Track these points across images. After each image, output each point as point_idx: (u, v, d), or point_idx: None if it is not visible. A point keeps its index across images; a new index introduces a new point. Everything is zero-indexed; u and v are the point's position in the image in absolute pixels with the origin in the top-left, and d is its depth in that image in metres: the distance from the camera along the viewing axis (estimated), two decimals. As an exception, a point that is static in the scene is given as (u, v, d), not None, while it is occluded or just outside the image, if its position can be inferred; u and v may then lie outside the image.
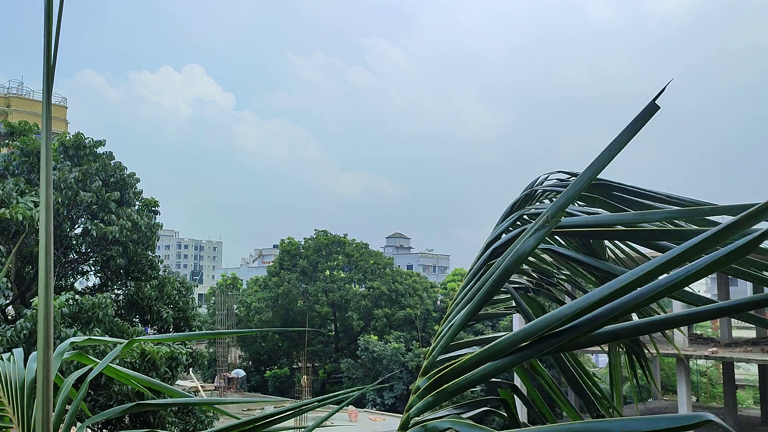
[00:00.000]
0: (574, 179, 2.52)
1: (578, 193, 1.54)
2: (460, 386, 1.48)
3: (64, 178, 18.46)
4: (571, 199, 1.55)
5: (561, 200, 1.53)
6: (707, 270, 1.12)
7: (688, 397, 23.50)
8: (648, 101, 1.41)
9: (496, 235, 2.14)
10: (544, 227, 1.50)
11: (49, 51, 1.73)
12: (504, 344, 1.39)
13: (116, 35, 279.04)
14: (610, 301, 1.22)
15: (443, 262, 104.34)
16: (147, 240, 20.31)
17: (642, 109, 1.43)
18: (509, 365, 1.39)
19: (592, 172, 1.50)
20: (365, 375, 40.00)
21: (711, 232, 1.15)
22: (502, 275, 1.59)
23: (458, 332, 1.72)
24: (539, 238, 1.50)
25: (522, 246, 1.52)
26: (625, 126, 1.45)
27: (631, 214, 1.69)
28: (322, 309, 45.19)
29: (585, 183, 1.51)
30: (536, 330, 1.33)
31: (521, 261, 1.55)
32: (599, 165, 1.49)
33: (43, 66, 1.74)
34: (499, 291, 1.72)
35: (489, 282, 1.63)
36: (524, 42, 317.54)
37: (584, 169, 1.53)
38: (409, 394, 1.68)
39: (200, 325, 21.90)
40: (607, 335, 1.30)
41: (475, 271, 2.02)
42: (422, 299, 45.28)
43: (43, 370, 1.76)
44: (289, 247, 46.75)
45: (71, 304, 15.72)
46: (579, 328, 1.29)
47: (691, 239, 1.16)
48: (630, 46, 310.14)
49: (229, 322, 40.58)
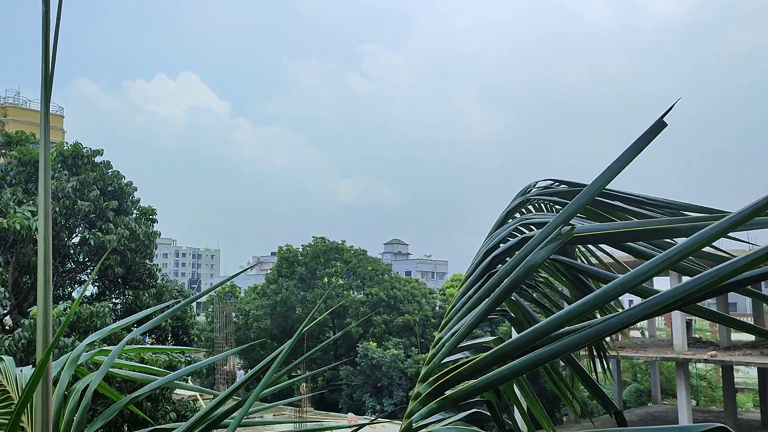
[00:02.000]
0: (565, 187, 2.58)
1: (584, 205, 1.56)
2: (468, 392, 1.46)
3: (61, 187, 18.46)
4: (578, 211, 1.57)
5: (568, 212, 1.55)
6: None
7: (688, 401, 23.50)
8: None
9: (495, 243, 2.15)
10: (557, 239, 1.51)
11: (47, 60, 1.73)
12: (514, 346, 1.39)
13: (110, 44, 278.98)
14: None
15: (442, 268, 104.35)
16: (145, 248, 20.31)
17: (649, 126, 1.43)
18: (515, 374, 1.36)
19: (598, 186, 1.51)
20: (364, 382, 39.92)
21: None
22: (510, 285, 1.60)
23: (462, 340, 1.73)
24: (551, 250, 1.51)
25: (533, 257, 1.53)
26: (631, 143, 1.45)
27: (640, 222, 1.70)
28: (321, 316, 45.15)
29: (591, 195, 1.52)
30: (540, 334, 1.34)
31: (531, 272, 1.56)
32: (605, 180, 1.50)
33: (42, 75, 1.74)
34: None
35: (497, 291, 1.64)
36: (522, 44, 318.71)
37: (591, 181, 1.54)
38: (409, 400, 1.68)
39: (198, 333, 21.85)
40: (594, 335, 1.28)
41: (474, 279, 2.03)
42: (421, 305, 45.24)
43: (42, 378, 1.76)
44: (287, 255, 46.72)
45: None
46: (593, 330, 1.29)
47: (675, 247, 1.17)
48: (628, 48, 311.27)
49: (227, 330, 40.50)
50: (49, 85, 1.75)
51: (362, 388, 39.96)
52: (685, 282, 1.16)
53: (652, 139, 1.44)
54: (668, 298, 1.17)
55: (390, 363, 38.86)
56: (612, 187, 1.74)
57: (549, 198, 2.55)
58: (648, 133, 1.43)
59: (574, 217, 1.59)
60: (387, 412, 37.53)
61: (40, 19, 1.71)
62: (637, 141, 1.45)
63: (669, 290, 1.18)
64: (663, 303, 1.17)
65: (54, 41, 1.73)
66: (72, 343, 14.63)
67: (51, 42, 1.73)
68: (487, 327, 34.52)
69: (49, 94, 1.76)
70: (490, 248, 2.13)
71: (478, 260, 2.16)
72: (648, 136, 1.43)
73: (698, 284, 1.14)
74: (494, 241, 2.18)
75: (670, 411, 29.93)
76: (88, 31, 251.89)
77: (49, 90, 1.75)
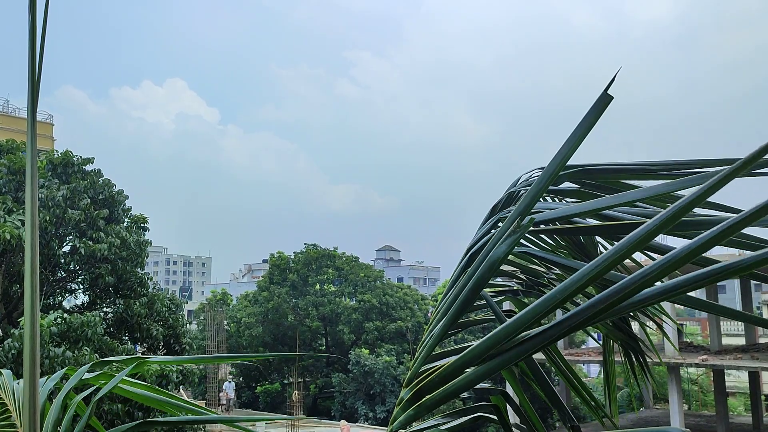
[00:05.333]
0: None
1: (544, 189, 1.48)
2: (440, 398, 1.45)
3: (52, 196, 18.36)
4: (537, 197, 1.49)
5: (526, 200, 1.48)
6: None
7: (680, 406, 23.56)
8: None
9: (476, 240, 2.09)
10: (516, 232, 1.45)
11: (33, 69, 1.73)
12: (476, 352, 1.35)
13: (94, 50, 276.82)
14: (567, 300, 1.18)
15: (434, 274, 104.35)
16: (136, 257, 20.22)
17: (595, 101, 1.42)
18: (487, 374, 1.35)
19: (552, 170, 1.46)
20: (357, 389, 39.81)
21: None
22: (477, 283, 1.54)
23: (438, 342, 1.69)
24: (512, 243, 1.45)
25: (495, 252, 1.48)
26: (581, 118, 1.45)
27: (606, 198, 1.56)
28: (313, 323, 45.01)
29: (549, 178, 1.47)
30: (506, 334, 1.29)
31: (495, 268, 1.50)
32: (559, 161, 1.46)
33: (28, 83, 1.74)
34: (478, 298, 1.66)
35: (464, 291, 1.58)
36: (511, 51, 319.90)
37: (546, 165, 1.49)
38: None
39: (190, 341, 21.75)
40: (578, 321, 1.22)
41: (454, 278, 1.97)
42: (413, 312, 45.20)
43: (30, 390, 1.75)
44: (278, 261, 46.60)
45: (59, 323, 15.59)
46: (549, 332, 1.27)
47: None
48: (616, 55, 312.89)
49: (219, 338, 40.31)
50: (36, 94, 1.74)
51: (355, 395, 39.85)
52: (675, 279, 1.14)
53: (600, 115, 1.42)
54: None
55: (382, 370, 38.79)
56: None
57: (529, 188, 2.45)
58: (594, 109, 1.42)
59: (532, 206, 1.49)
60: (380, 419, 37.46)
61: (27, 28, 1.71)
62: (584, 117, 1.44)
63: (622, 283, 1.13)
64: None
65: (40, 50, 1.73)
66: (63, 353, 14.54)
67: (38, 51, 1.72)
68: (480, 333, 34.51)
69: (36, 102, 1.75)
70: (470, 246, 2.07)
71: (460, 260, 2.12)
72: (595, 111, 1.42)
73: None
74: (474, 239, 2.12)
75: (662, 415, 30.01)
76: (72, 37, 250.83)
77: (36, 98, 1.75)
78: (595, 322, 1.22)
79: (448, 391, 1.42)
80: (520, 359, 1.30)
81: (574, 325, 1.21)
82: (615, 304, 1.15)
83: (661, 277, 1.11)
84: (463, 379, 1.38)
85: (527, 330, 1.29)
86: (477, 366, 1.37)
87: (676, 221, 1.13)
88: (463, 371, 1.40)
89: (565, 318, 1.23)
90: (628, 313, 1.84)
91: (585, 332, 6.36)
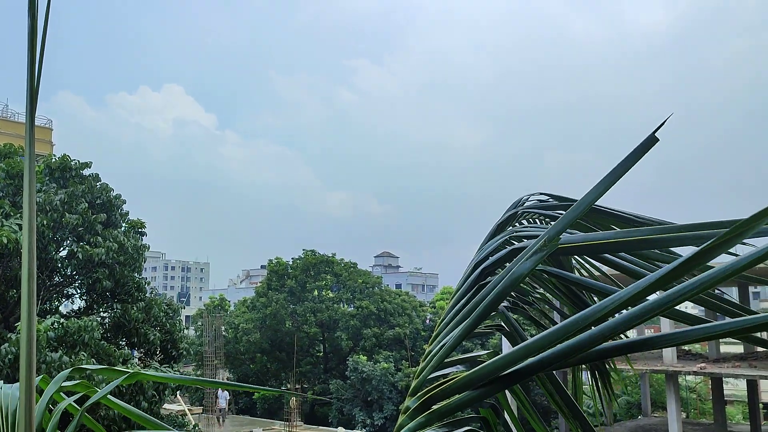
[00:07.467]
0: (557, 201, 2.57)
1: (576, 218, 1.54)
2: (450, 408, 1.47)
3: (49, 200, 18.34)
4: (570, 224, 1.55)
5: (560, 224, 1.53)
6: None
7: (678, 414, 23.52)
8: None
9: (485, 255, 2.14)
10: (543, 250, 1.50)
11: (32, 74, 1.72)
12: (491, 368, 1.38)
13: (92, 56, 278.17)
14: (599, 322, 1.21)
15: (432, 281, 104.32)
16: (134, 262, 20.18)
17: (640, 142, 1.41)
18: (497, 389, 1.38)
19: (590, 200, 1.50)
20: (354, 396, 39.72)
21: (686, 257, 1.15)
22: (497, 297, 1.60)
23: (450, 353, 1.73)
24: (537, 260, 1.50)
25: (519, 268, 1.52)
26: (623, 157, 1.44)
27: (627, 231, 1.67)
28: (311, 329, 44.95)
29: (583, 209, 1.52)
30: (525, 353, 1.32)
31: (517, 283, 1.55)
32: (597, 194, 1.49)
33: (27, 88, 1.73)
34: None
35: (483, 304, 1.63)
36: (509, 58, 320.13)
37: (582, 196, 1.53)
38: (399, 414, 1.68)
39: (188, 347, 21.69)
40: (596, 354, 1.29)
41: (464, 291, 2.02)
42: (411, 318, 45.14)
43: (26, 396, 1.73)
44: (276, 267, 46.54)
45: (56, 327, 15.55)
46: (566, 352, 1.28)
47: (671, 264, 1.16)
48: (615, 61, 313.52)
49: (216, 343, 40.22)
50: (35, 98, 1.74)
51: (352, 402, 39.76)
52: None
53: (643, 155, 1.42)
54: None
55: (380, 377, 38.70)
56: (600, 203, 1.72)
57: (540, 212, 2.55)
58: (639, 149, 1.42)
59: (565, 230, 1.58)
60: (377, 426, 37.36)
61: (26, 33, 1.70)
62: (628, 156, 1.43)
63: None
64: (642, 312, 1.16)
65: (40, 55, 1.72)
66: (60, 358, 14.49)
67: (37, 56, 1.72)
68: (477, 340, 34.44)
69: (34, 107, 1.75)
70: (480, 260, 2.13)
71: (468, 273, 2.15)
72: (639, 151, 1.42)
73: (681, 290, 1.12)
74: (484, 253, 2.18)
75: (660, 423, 29.94)
76: (67, 42, 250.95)
77: (35, 103, 1.74)
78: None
79: (459, 402, 1.44)
80: (529, 376, 1.34)
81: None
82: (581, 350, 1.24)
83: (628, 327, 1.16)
84: (475, 393, 1.41)
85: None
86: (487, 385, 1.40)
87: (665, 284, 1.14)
88: (475, 384, 1.42)
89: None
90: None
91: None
